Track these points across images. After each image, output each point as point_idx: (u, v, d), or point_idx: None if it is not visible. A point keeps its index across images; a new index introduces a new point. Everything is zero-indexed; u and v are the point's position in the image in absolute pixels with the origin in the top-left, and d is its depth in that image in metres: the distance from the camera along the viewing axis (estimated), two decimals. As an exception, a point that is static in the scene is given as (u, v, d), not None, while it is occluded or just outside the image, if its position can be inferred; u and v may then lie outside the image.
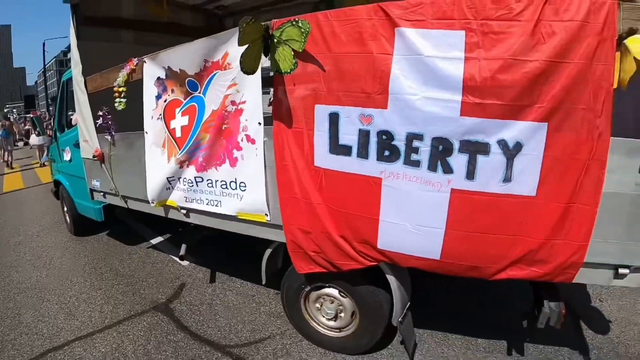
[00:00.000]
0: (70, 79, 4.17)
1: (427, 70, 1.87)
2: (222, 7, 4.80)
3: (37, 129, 13.25)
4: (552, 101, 1.77)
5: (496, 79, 1.78)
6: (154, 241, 4.93)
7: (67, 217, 5.46)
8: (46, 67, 36.83)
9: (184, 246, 3.58)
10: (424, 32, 1.88)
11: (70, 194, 5.01)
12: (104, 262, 4.46)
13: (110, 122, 3.50)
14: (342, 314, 2.71)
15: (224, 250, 4.24)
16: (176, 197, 3.08)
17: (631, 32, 1.68)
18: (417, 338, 2.89)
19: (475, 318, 3.20)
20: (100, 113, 3.53)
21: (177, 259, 4.17)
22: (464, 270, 2.12)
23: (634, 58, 1.64)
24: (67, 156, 4.79)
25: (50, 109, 29.24)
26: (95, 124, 3.64)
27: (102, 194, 4.02)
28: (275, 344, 2.98)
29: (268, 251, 2.80)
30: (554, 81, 1.75)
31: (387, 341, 2.87)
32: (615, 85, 1.74)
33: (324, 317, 2.78)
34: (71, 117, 4.76)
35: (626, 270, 2.00)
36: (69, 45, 4.05)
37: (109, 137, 3.57)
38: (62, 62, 67.00)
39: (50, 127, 9.51)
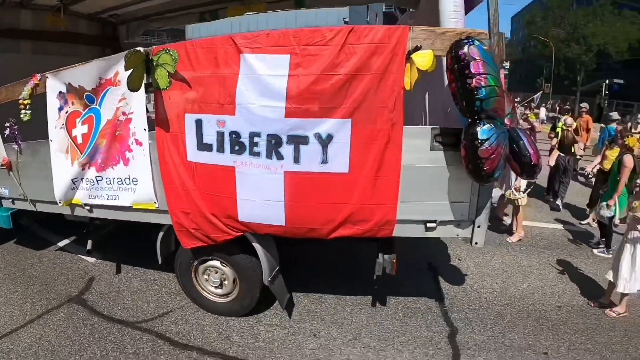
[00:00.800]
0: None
1: (261, 85, 2.57)
2: (116, 16, 5.22)
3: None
4: (354, 103, 2.53)
5: (311, 89, 2.52)
6: (61, 244, 5.15)
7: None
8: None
9: (90, 241, 3.99)
10: (261, 57, 2.58)
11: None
12: (16, 268, 4.65)
13: (16, 132, 3.83)
14: (226, 282, 3.34)
15: (126, 244, 4.61)
16: (80, 196, 3.52)
17: (416, 49, 2.48)
18: (295, 299, 3.59)
19: (345, 279, 3.97)
20: (7, 124, 3.84)
21: (84, 257, 4.53)
22: (305, 232, 2.84)
23: (417, 68, 2.46)
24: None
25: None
26: (3, 134, 3.94)
27: (10, 200, 4.29)
28: (176, 315, 3.53)
29: (160, 234, 3.35)
30: (355, 88, 2.51)
31: (270, 303, 3.55)
32: (408, 88, 2.53)
33: (212, 286, 3.40)
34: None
35: (433, 224, 2.83)
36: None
37: (15, 146, 3.89)
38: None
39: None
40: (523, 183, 5.21)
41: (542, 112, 22.78)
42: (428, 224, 2.79)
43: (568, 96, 38.58)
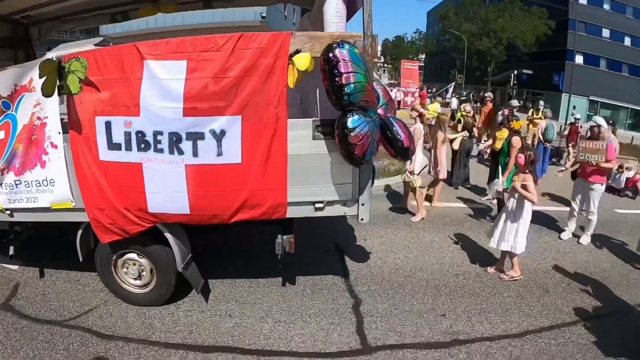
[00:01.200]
0: None
1: (162, 88, 2.90)
2: (28, 17, 5.23)
3: None
4: (243, 101, 2.91)
5: (205, 91, 2.88)
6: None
7: None
8: None
9: (12, 247, 4.07)
10: (161, 63, 2.91)
11: None
12: (-63, 283, 4.64)
13: None
14: (144, 273, 3.59)
15: (47, 248, 4.67)
16: (0, 201, 3.66)
17: (297, 52, 2.89)
18: (211, 285, 3.89)
19: (257, 264, 4.33)
20: None
21: (7, 265, 4.54)
22: (209, 219, 3.17)
23: (297, 69, 2.86)
24: None
25: None
26: None
27: None
28: (101, 311, 3.72)
29: (79, 232, 3.55)
30: (244, 88, 2.89)
31: (188, 290, 3.82)
32: (291, 86, 2.92)
33: (131, 278, 3.63)
34: None
35: (321, 205, 3.24)
36: None
37: None
38: None
39: None
40: (417, 166, 5.84)
41: (454, 102, 24.20)
42: (317, 205, 3.22)
43: (480, 86, 41.73)
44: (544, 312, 4.10)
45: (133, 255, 3.54)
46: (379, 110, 3.10)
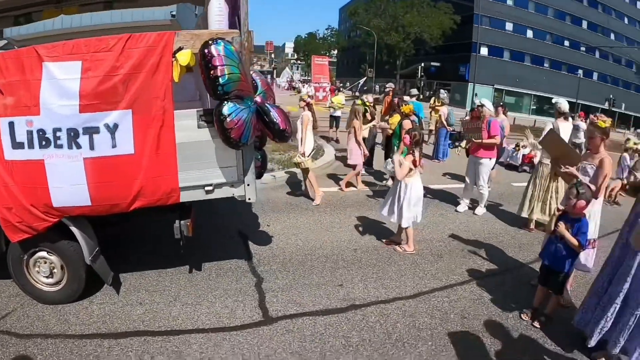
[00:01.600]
0: None
1: (60, 88, 3.24)
2: None
3: None
4: (133, 97, 3.29)
5: (98, 88, 3.24)
6: None
7: None
8: None
9: None
10: (59, 64, 3.24)
11: None
12: None
13: None
14: (55, 270, 3.79)
15: None
16: None
17: (179, 49, 3.32)
18: (122, 278, 4.15)
19: (164, 255, 4.61)
20: None
21: None
22: (109, 208, 3.49)
23: (180, 65, 3.30)
24: None
25: None
26: None
27: None
28: (18, 314, 3.82)
29: (-10, 235, 3.76)
30: (133, 84, 3.27)
31: (100, 286, 4.04)
32: (176, 80, 3.35)
33: (43, 277, 3.81)
34: None
35: (210, 187, 3.63)
36: None
37: None
38: None
39: None
40: (307, 148, 6.44)
41: (369, 97, 25.20)
42: (207, 188, 3.61)
43: (390, 79, 44.20)
44: (437, 275, 4.63)
45: (43, 254, 3.74)
46: (257, 98, 3.60)
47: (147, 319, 3.69)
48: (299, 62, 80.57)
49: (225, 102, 3.29)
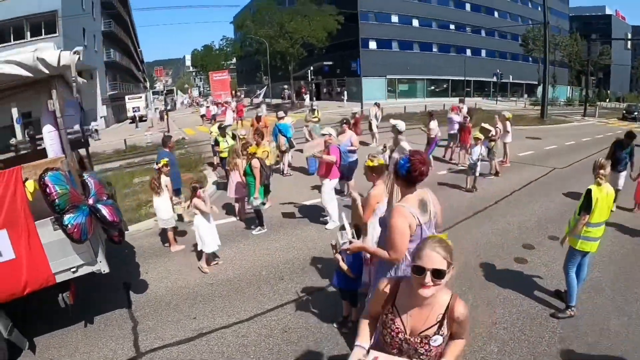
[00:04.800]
0: None
1: None
2: None
3: None
4: (3, 219, 4.49)
5: None
6: None
7: None
8: None
9: None
10: None
11: None
12: None
13: None
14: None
15: None
16: None
17: (27, 179, 4.66)
18: (36, 341, 5.22)
19: (69, 319, 5.64)
20: None
21: None
22: (9, 296, 4.54)
23: (29, 191, 4.72)
24: None
25: None
26: None
27: None
28: None
29: None
30: (1, 210, 4.57)
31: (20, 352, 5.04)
32: (31, 199, 4.75)
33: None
34: None
35: (75, 269, 4.87)
36: None
37: None
38: None
39: None
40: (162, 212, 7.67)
41: (264, 108, 26.67)
42: (72, 269, 4.92)
43: (286, 82, 48.71)
44: (274, 297, 5.90)
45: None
46: (90, 200, 4.96)
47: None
48: (200, 74, 79.91)
49: (65, 214, 4.57)
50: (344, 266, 4.60)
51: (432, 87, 59.86)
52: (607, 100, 71.85)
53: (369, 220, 4.77)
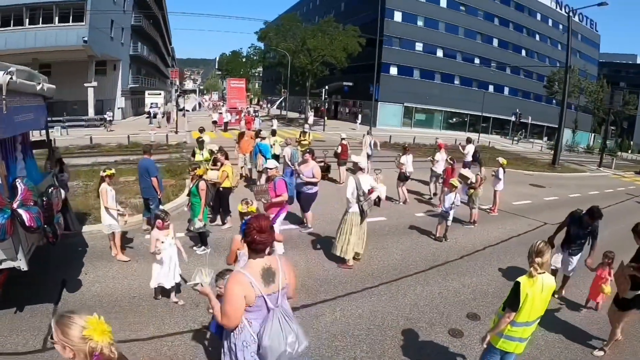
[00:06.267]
0: None
1: None
2: None
3: None
4: None
5: None
6: None
7: None
8: None
9: None
10: None
11: None
12: None
13: None
14: None
15: None
16: None
17: None
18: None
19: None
20: None
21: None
22: None
23: None
24: None
25: None
26: None
27: None
28: None
29: None
30: None
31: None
32: None
33: None
34: None
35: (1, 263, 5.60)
36: None
37: None
38: None
39: None
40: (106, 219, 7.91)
41: (275, 122, 26.44)
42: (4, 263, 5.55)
43: (302, 97, 49.80)
44: (180, 322, 5.97)
45: None
46: (14, 205, 5.30)
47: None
48: (225, 78, 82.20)
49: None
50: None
51: (450, 120, 59.51)
52: (630, 151, 70.37)
53: (233, 263, 4.94)
